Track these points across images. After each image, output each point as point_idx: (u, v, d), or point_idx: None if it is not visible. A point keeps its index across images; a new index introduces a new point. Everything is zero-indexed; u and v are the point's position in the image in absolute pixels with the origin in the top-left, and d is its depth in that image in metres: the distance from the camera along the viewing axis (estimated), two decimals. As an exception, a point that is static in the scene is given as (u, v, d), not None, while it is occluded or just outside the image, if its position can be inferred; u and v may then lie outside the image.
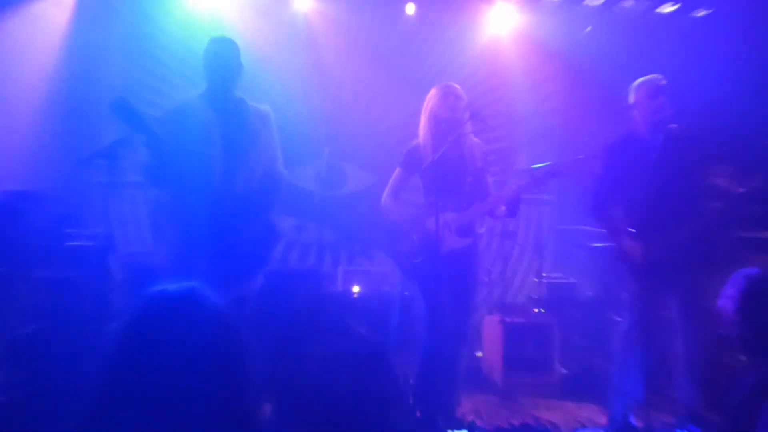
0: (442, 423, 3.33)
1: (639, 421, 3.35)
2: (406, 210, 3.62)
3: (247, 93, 3.23)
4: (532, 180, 3.36)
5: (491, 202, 3.50)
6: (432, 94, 3.58)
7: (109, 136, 2.60)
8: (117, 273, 4.47)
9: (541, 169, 3.58)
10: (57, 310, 3.53)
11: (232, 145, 3.07)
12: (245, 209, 3.08)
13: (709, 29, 5.38)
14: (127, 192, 5.70)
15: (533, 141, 6.42)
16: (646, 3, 5.67)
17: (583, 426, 3.82)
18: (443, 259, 3.34)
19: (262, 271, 3.23)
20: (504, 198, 3.40)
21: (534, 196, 4.74)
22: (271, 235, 3.25)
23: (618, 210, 3.45)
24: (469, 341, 3.61)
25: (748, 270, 1.98)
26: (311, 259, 4.84)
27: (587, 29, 5.97)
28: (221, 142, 3.05)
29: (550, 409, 4.18)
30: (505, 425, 3.67)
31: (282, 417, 1.31)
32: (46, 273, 3.52)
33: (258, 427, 1.18)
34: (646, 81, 3.41)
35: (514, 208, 3.42)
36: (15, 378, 3.21)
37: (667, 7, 5.62)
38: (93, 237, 3.79)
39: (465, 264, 3.51)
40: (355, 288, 4.55)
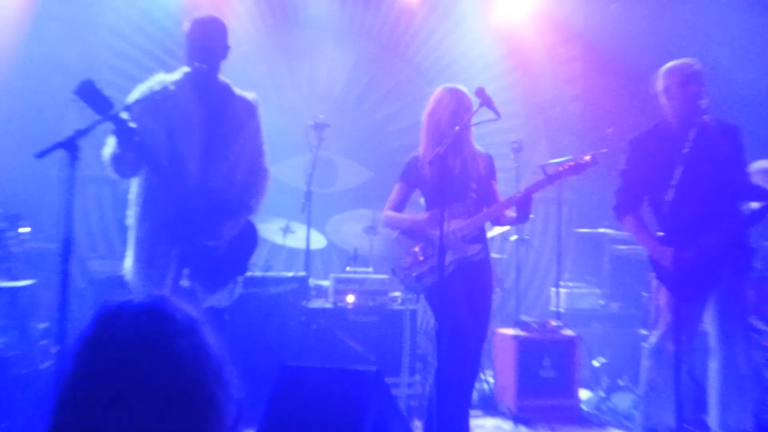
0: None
1: (669, 452, 3.35)
2: (409, 220, 3.62)
3: (232, 78, 3.24)
4: (547, 178, 3.35)
5: (500, 206, 3.51)
6: (437, 97, 3.57)
7: (71, 124, 2.59)
8: (78, 280, 4.47)
9: (558, 164, 3.58)
10: (8, 323, 3.52)
11: (213, 135, 3.08)
12: (225, 207, 3.09)
13: (753, 8, 5.38)
14: (92, 188, 5.70)
15: (552, 131, 6.44)
16: (679, -24, 5.68)
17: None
18: (453, 268, 3.36)
19: (241, 278, 3.23)
20: (514, 200, 3.40)
21: (552, 195, 4.74)
22: (252, 237, 3.25)
23: (645, 210, 3.44)
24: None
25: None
26: (299, 265, 4.83)
27: (612, 7, 5.97)
28: (201, 131, 3.05)
29: (569, 436, 4.20)
30: (517, 455, 3.65)
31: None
32: (-2, 279, 3.51)
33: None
34: (677, 66, 3.39)
35: (525, 212, 3.41)
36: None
37: (704, -18, 5.62)
38: (51, 239, 3.80)
39: (476, 273, 3.52)
40: (350, 298, 4.55)
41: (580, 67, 6.28)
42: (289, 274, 4.61)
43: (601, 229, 5.32)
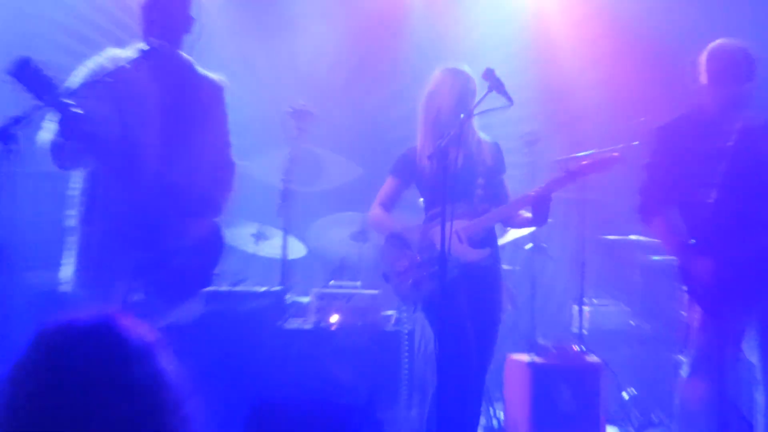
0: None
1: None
2: (402, 221, 3.63)
3: (196, 56, 3.24)
4: (567, 175, 3.35)
5: (512, 206, 3.51)
6: (438, 80, 3.59)
7: (4, 110, 2.58)
8: (13, 294, 4.45)
9: (581, 160, 3.60)
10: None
11: (173, 122, 3.08)
12: (186, 207, 3.09)
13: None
14: (29, 184, 5.66)
15: (573, 121, 6.45)
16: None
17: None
18: (455, 276, 3.36)
19: (205, 292, 3.23)
20: (528, 200, 3.40)
21: (573, 195, 4.75)
22: (217, 243, 3.26)
23: (675, 213, 3.43)
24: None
25: None
26: (274, 278, 4.83)
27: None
28: (159, 117, 3.06)
29: (592, 480, 4.21)
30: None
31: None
32: None
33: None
34: (725, 45, 3.40)
35: (542, 214, 3.41)
36: None
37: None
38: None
39: (483, 281, 3.53)
40: (334, 318, 4.54)
41: (607, 47, 6.29)
42: (262, 289, 4.60)
43: (633, 236, 5.33)
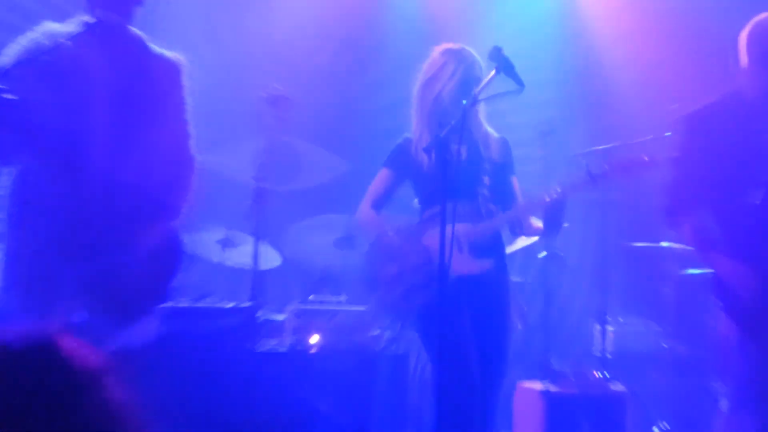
0: None
1: None
2: (395, 222, 3.64)
3: (152, 33, 3.24)
4: (589, 178, 3.36)
5: (522, 210, 3.52)
6: (438, 62, 3.61)
7: None
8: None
9: (605, 156, 3.60)
10: None
11: (121, 109, 3.08)
12: (138, 210, 3.09)
13: None
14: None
15: (594, 108, 6.48)
16: None
17: None
18: (453, 288, 3.36)
19: (161, 310, 3.23)
20: (541, 203, 3.41)
21: (593, 193, 4.76)
22: (175, 252, 3.26)
23: (709, 216, 3.43)
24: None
25: None
26: (244, 292, 4.82)
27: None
28: (105, 104, 3.05)
29: None
30: None
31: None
32: None
33: None
34: (764, 21, 3.41)
35: (554, 223, 3.42)
36: None
37: None
38: None
39: (487, 296, 3.54)
40: (314, 338, 4.54)
41: (636, 20, 6.31)
42: (229, 305, 4.60)
43: (665, 244, 5.34)
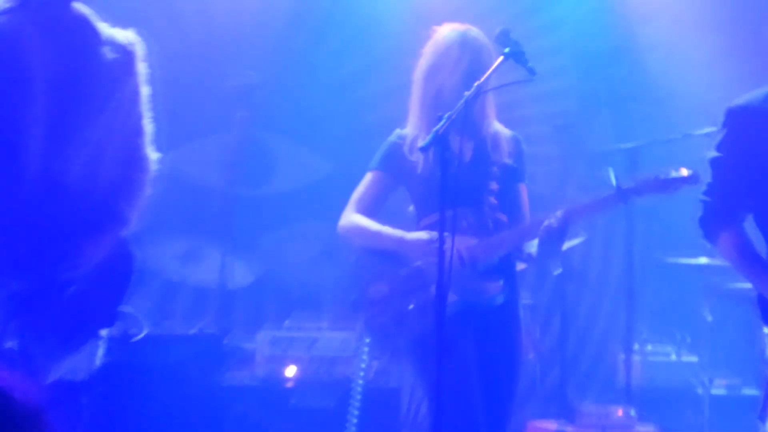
0: None
1: None
2: (389, 236, 3.62)
3: (101, 11, 3.23)
4: (617, 193, 3.37)
5: (524, 233, 3.54)
6: (441, 46, 3.61)
7: None
8: None
9: (632, 154, 3.60)
10: None
11: (63, 100, 3.08)
12: (82, 219, 3.09)
13: None
14: None
15: (619, 99, 6.48)
16: None
17: None
18: (456, 315, 3.34)
19: (108, 334, 3.23)
20: (538, 228, 3.44)
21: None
22: (124, 267, 3.25)
23: (756, 227, 3.45)
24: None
25: None
26: (208, 315, 4.83)
27: None
28: (44, 93, 3.05)
29: None
30: None
31: None
32: None
33: None
34: None
35: (549, 250, 3.46)
36: None
37: None
38: None
39: (494, 325, 3.53)
40: (291, 370, 4.55)
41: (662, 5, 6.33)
42: (192, 331, 4.60)
43: (702, 259, 5.34)
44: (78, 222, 3.09)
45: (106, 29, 3.23)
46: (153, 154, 3.30)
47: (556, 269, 3.68)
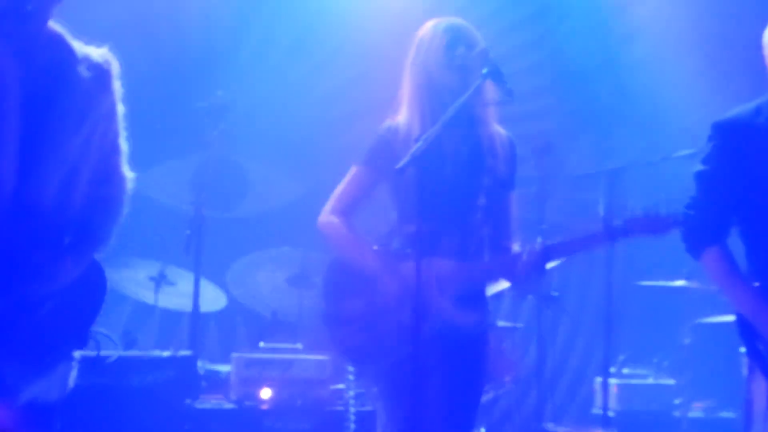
0: None
1: None
2: (363, 241, 3.60)
3: (75, 28, 3.23)
4: (605, 231, 3.36)
5: (499, 267, 3.52)
6: (425, 35, 3.62)
7: None
8: None
9: (612, 176, 3.61)
10: None
11: (38, 120, 3.08)
12: (55, 238, 3.09)
13: None
14: None
15: (602, 120, 6.51)
16: None
17: None
18: (427, 341, 3.29)
19: (80, 356, 3.21)
20: (510, 266, 3.43)
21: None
22: (96, 288, 3.24)
23: (738, 243, 3.46)
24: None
25: None
26: (181, 338, 4.82)
27: None
28: (18, 114, 3.04)
29: None
30: None
31: None
32: None
33: None
34: None
35: (527, 284, 3.48)
36: None
37: None
38: None
39: (467, 354, 3.52)
40: (265, 393, 4.54)
41: (652, 13, 6.36)
42: (165, 354, 4.58)
43: (679, 282, 5.38)
44: (52, 240, 3.08)
45: (81, 48, 3.23)
46: (129, 173, 3.30)
47: (545, 293, 3.65)
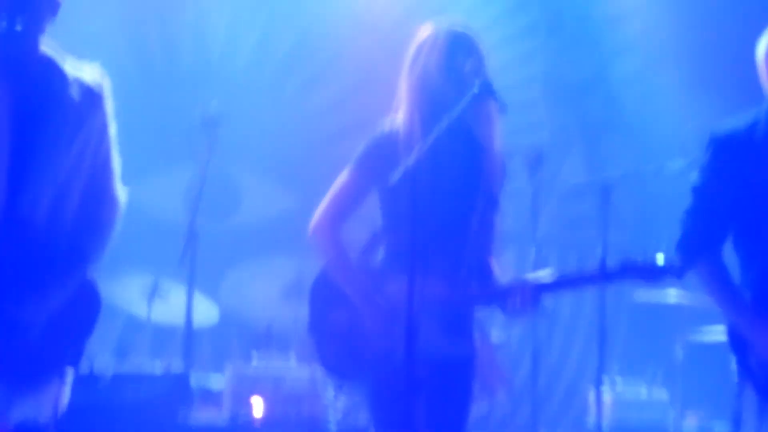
0: None
1: None
2: (348, 266, 3.56)
3: (67, 49, 3.25)
4: (599, 273, 3.29)
5: (491, 296, 3.49)
6: (426, 38, 3.60)
7: None
8: None
9: (606, 190, 3.62)
10: None
11: (29, 140, 3.09)
12: (46, 258, 3.09)
13: None
14: None
15: (593, 131, 6.52)
16: None
17: None
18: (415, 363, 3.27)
19: (73, 374, 3.19)
20: (503, 296, 3.40)
21: (588, 233, 4.83)
22: (90, 306, 3.24)
23: (731, 255, 3.48)
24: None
25: None
26: (174, 353, 4.82)
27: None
28: (6, 132, 3.05)
29: None
30: None
31: None
32: None
33: None
34: None
35: (519, 314, 3.40)
36: None
37: None
38: None
39: (455, 378, 3.50)
40: (258, 409, 4.56)
41: (645, 26, 6.39)
42: (157, 370, 4.58)
43: (673, 297, 5.40)
44: (44, 261, 3.09)
45: (72, 68, 3.24)
46: (122, 194, 3.31)
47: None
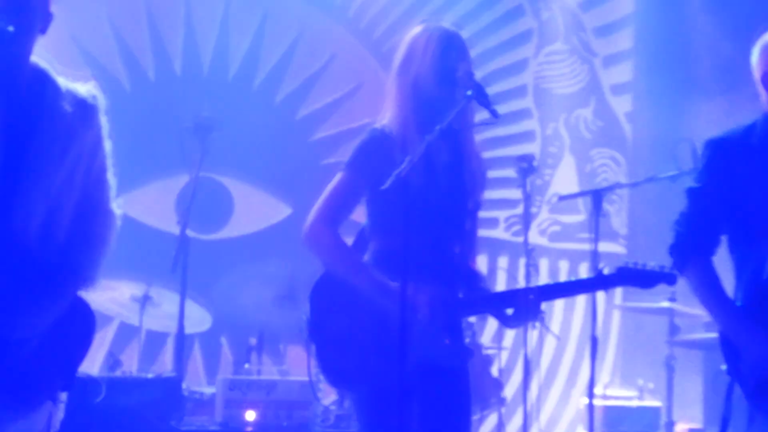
0: None
1: None
2: (362, 262, 3.51)
3: (58, 53, 3.24)
4: (596, 278, 3.32)
5: (488, 305, 3.50)
6: (419, 40, 3.55)
7: None
8: None
9: (598, 197, 3.64)
10: None
11: (20, 155, 3.07)
12: (38, 277, 3.05)
13: None
14: None
15: (586, 141, 6.52)
16: None
17: None
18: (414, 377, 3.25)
19: (68, 386, 3.18)
20: (500, 305, 3.42)
21: (581, 243, 4.84)
22: (83, 326, 3.20)
23: (729, 254, 3.50)
24: None
25: None
26: (166, 360, 4.81)
27: None
28: (1, 145, 3.03)
29: None
30: None
31: None
32: None
33: None
34: None
35: (517, 324, 3.45)
36: None
37: None
38: None
39: (449, 386, 3.43)
40: (250, 415, 4.53)
41: (639, 32, 6.39)
42: (150, 376, 4.58)
43: (665, 303, 5.41)
44: (36, 278, 3.05)
45: (65, 82, 3.22)
46: (117, 209, 3.27)
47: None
